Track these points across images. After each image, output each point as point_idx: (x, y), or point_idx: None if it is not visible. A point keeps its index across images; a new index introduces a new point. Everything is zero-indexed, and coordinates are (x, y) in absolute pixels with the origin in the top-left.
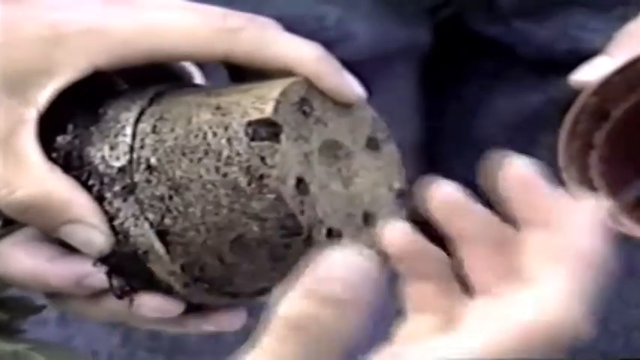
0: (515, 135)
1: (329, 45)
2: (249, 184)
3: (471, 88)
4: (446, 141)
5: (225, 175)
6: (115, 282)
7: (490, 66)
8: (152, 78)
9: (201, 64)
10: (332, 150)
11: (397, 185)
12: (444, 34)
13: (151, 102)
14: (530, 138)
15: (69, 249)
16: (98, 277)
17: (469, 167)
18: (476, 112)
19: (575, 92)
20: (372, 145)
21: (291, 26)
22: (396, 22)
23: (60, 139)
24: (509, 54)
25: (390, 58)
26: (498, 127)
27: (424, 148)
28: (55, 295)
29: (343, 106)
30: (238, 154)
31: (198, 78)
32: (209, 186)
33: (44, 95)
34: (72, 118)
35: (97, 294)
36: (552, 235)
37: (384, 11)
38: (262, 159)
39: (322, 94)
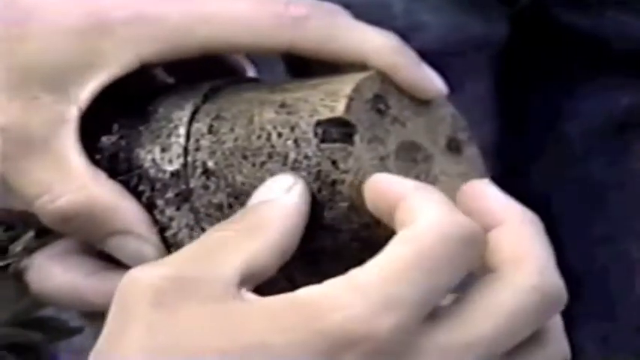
0: (602, 140)
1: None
2: (319, 191)
3: (554, 88)
4: (524, 145)
5: None
6: None
7: (577, 62)
8: (204, 73)
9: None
10: (410, 153)
11: None
12: (524, 26)
13: (205, 99)
14: (620, 143)
15: (114, 263)
16: None
17: (548, 175)
18: (559, 114)
19: None
20: (453, 146)
21: (355, 15)
22: (468, 13)
23: (104, 139)
24: (600, 49)
25: (463, 52)
26: (583, 131)
27: (500, 153)
28: (94, 315)
29: (421, 103)
30: (307, 157)
31: (252, 73)
32: None
33: (86, 92)
34: (117, 116)
35: None
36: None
37: (455, 0)
38: (334, 163)
39: (398, 89)
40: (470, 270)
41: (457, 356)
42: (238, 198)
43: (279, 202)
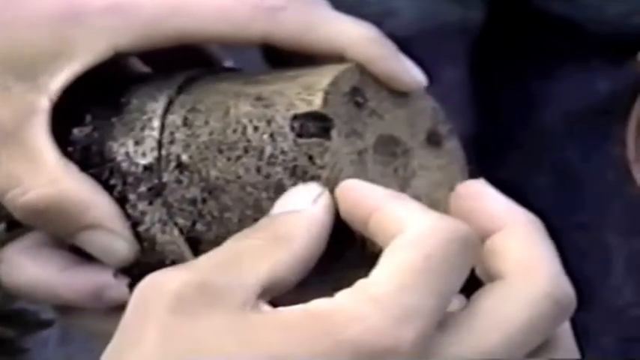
0: (580, 126)
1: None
2: (295, 186)
3: (531, 73)
4: (500, 133)
5: (267, 175)
6: None
7: (553, 47)
8: (179, 63)
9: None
10: (388, 147)
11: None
12: (499, 11)
13: (180, 90)
14: (597, 130)
15: (86, 257)
16: (119, 289)
17: (524, 163)
18: (535, 100)
19: None
20: (433, 140)
21: (328, 1)
22: None
23: (76, 131)
24: (576, 33)
25: (438, 38)
26: (560, 117)
27: (476, 141)
28: (65, 309)
29: (400, 95)
30: (283, 152)
31: (228, 64)
32: (249, 188)
33: (58, 81)
34: (90, 107)
35: (117, 309)
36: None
37: None
38: (310, 158)
39: (376, 81)
40: (469, 272)
41: None
42: (212, 193)
43: (307, 214)
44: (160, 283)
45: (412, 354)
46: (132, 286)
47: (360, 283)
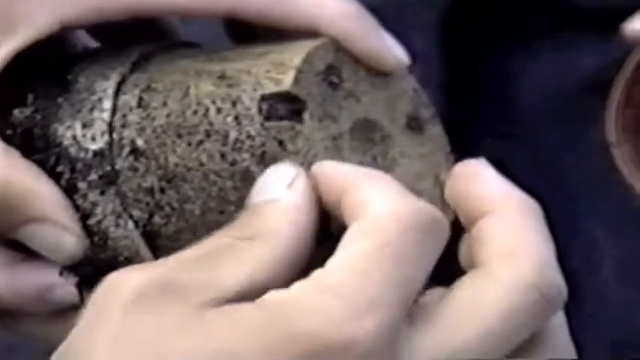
0: (563, 105)
1: None
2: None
3: (509, 48)
4: (477, 112)
5: (233, 162)
6: (88, 296)
7: (534, 19)
8: (132, 39)
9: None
10: (366, 132)
11: (444, 176)
12: None
13: (134, 67)
14: (582, 113)
15: (28, 254)
16: (66, 289)
17: (501, 151)
18: (515, 77)
19: (630, 48)
20: (414, 125)
21: None
22: None
23: (17, 112)
24: (558, 4)
25: (405, 6)
26: (542, 95)
27: (447, 123)
28: (3, 311)
29: (379, 75)
30: (249, 136)
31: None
32: (212, 177)
33: None
34: (32, 86)
35: (63, 311)
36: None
37: None
38: (280, 143)
39: (353, 60)
40: (436, 259)
41: None
42: (171, 181)
43: (283, 204)
44: (119, 279)
45: (373, 348)
46: (80, 285)
47: (315, 273)
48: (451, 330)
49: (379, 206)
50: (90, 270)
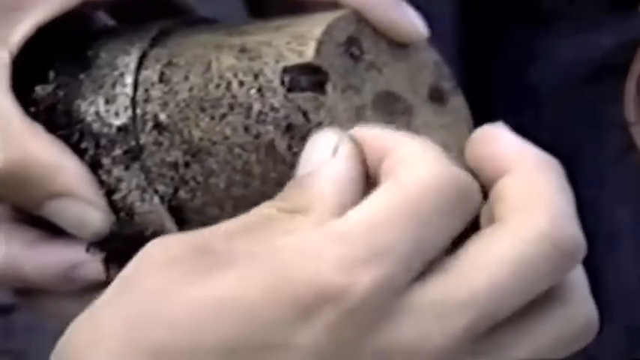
0: (579, 85)
1: None
2: (288, 147)
3: (528, 27)
4: (493, 92)
5: (256, 135)
6: (115, 273)
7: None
8: (151, 14)
9: None
10: (388, 104)
11: None
12: None
13: (154, 43)
14: (601, 89)
15: (54, 231)
16: (92, 266)
17: (518, 129)
18: (534, 56)
19: None
20: (436, 96)
21: None
22: None
23: (39, 89)
24: None
25: None
26: (561, 75)
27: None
28: (28, 291)
29: (400, 47)
30: (273, 108)
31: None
32: (236, 150)
33: (18, 33)
34: (54, 63)
35: (89, 289)
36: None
37: None
38: (304, 114)
39: (374, 32)
40: (463, 227)
41: (452, 315)
42: (195, 155)
43: (327, 173)
44: (157, 244)
45: (364, 302)
46: (107, 262)
47: (330, 222)
48: (459, 282)
49: (410, 166)
50: (116, 246)
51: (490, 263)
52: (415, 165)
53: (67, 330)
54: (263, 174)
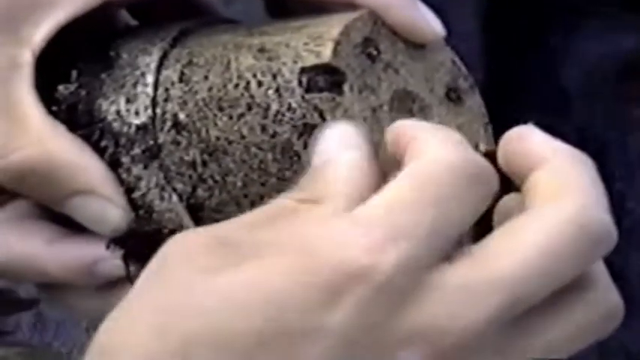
0: (602, 85)
1: None
2: (305, 146)
3: (552, 29)
4: (514, 93)
5: (273, 135)
6: (134, 269)
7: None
8: (171, 14)
9: None
10: (404, 103)
11: (483, 146)
12: None
13: (174, 43)
14: (623, 89)
15: (75, 228)
16: (112, 262)
17: (542, 127)
18: (556, 58)
19: None
20: (453, 96)
21: None
22: None
23: (62, 88)
24: None
25: None
26: (585, 74)
27: (487, 101)
28: (50, 286)
29: (417, 47)
30: (290, 108)
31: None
32: (253, 149)
33: (41, 32)
34: (76, 62)
35: (109, 284)
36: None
37: None
38: (321, 114)
39: (391, 32)
40: (482, 209)
41: (482, 296)
42: (213, 154)
43: (341, 163)
44: (182, 238)
45: (391, 279)
46: (126, 258)
47: (354, 210)
48: (488, 264)
49: (431, 152)
50: (135, 243)
51: (519, 247)
52: (434, 150)
53: (100, 328)
54: (279, 172)
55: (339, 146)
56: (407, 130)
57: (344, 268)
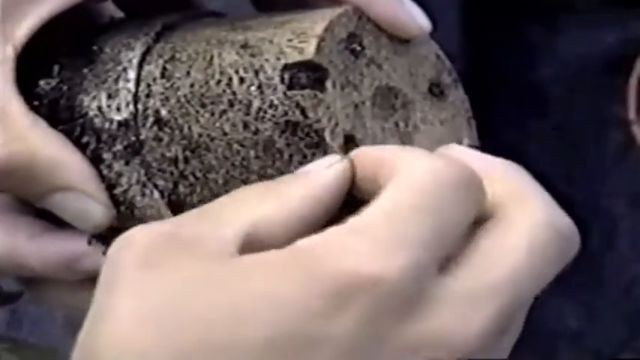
0: (581, 82)
1: None
2: (287, 144)
3: (530, 23)
4: (492, 91)
5: (255, 132)
6: None
7: None
8: (157, 9)
9: None
10: (387, 99)
11: (466, 142)
12: None
13: (158, 37)
14: (603, 86)
15: (57, 223)
16: (94, 258)
17: (520, 125)
18: (534, 52)
19: None
20: (436, 91)
21: None
22: None
23: (43, 83)
24: None
25: None
26: (560, 71)
27: (471, 93)
28: (32, 280)
29: (401, 41)
30: (272, 105)
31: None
32: (235, 146)
33: (23, 28)
34: (58, 57)
35: (90, 280)
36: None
37: None
38: (303, 111)
39: (374, 27)
40: (474, 214)
41: (483, 301)
42: (195, 151)
43: (311, 175)
44: (129, 238)
45: (400, 285)
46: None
47: (351, 219)
48: (482, 272)
49: (415, 163)
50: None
51: (509, 251)
52: (414, 164)
53: (81, 330)
54: (261, 170)
55: (318, 164)
56: (378, 152)
57: (348, 277)
